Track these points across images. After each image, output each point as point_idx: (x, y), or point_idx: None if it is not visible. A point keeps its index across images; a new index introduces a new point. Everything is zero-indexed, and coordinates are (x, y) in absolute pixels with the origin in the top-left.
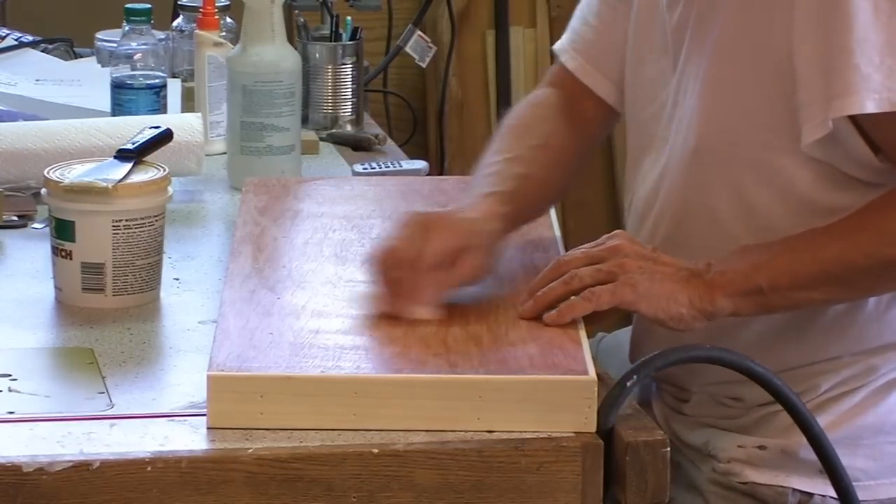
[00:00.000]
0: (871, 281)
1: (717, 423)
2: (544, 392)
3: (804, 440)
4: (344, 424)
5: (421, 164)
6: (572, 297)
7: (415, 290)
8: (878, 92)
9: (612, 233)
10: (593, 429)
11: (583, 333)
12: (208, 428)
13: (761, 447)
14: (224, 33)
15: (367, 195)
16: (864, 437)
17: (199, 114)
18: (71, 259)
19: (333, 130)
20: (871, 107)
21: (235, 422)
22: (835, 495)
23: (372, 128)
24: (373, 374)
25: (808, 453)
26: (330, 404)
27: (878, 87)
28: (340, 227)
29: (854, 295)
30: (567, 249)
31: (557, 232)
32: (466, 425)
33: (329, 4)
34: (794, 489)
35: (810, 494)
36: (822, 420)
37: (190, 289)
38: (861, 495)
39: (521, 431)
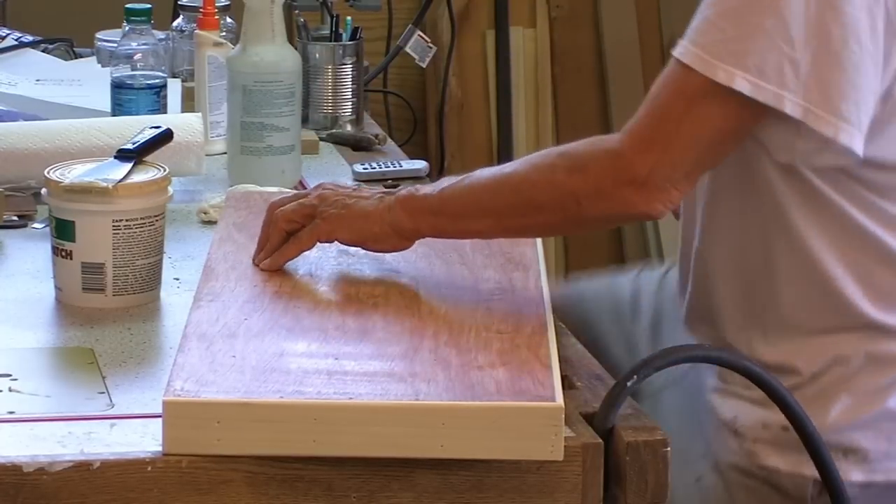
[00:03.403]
0: (518, 218)
1: (744, 395)
2: (509, 419)
3: (829, 422)
4: (303, 451)
5: (421, 164)
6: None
7: None
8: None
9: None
10: (560, 457)
11: (554, 357)
12: (164, 454)
13: (785, 428)
14: (224, 33)
15: None
16: (886, 420)
17: (199, 114)
18: (71, 259)
19: (333, 130)
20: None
21: (192, 448)
22: (855, 479)
23: (372, 128)
24: (333, 400)
25: (831, 435)
26: (288, 430)
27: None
28: (319, 244)
29: (506, 230)
30: (549, 265)
31: (540, 250)
32: (429, 452)
33: (329, 4)
34: (814, 480)
35: None
36: (843, 401)
37: (190, 289)
38: (879, 477)
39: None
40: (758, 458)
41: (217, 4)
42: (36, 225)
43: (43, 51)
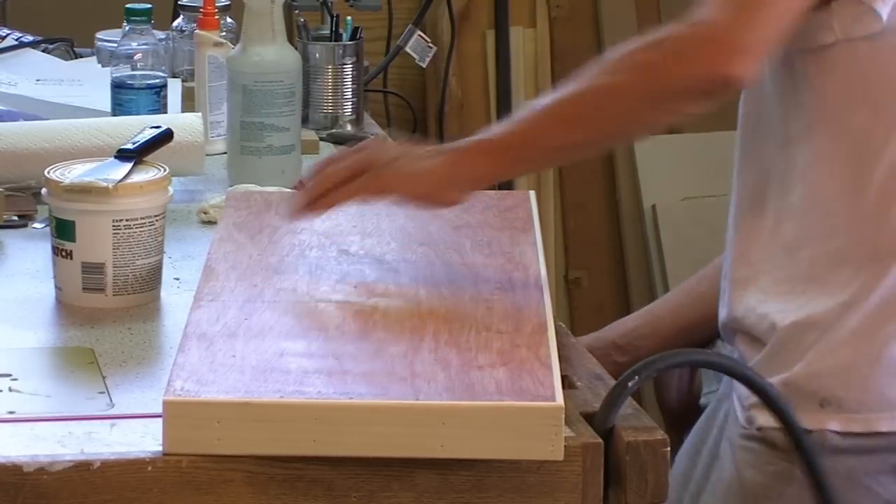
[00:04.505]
0: (601, 116)
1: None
2: (509, 419)
3: (805, 370)
4: (303, 451)
5: None
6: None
7: None
8: None
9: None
10: (560, 457)
11: (554, 357)
12: (164, 454)
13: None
14: (224, 33)
15: (350, 210)
16: (861, 367)
17: (200, 114)
18: (71, 259)
19: (333, 130)
20: None
21: (192, 448)
22: (832, 428)
23: (372, 128)
24: (333, 400)
25: (807, 383)
26: (288, 430)
27: None
28: (319, 243)
29: (592, 133)
30: (549, 265)
31: (540, 250)
32: (429, 452)
33: (329, 4)
34: None
35: (810, 432)
36: (813, 350)
37: (190, 289)
38: (857, 427)
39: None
40: (753, 420)
41: (217, 4)
42: (36, 225)
43: (43, 51)
